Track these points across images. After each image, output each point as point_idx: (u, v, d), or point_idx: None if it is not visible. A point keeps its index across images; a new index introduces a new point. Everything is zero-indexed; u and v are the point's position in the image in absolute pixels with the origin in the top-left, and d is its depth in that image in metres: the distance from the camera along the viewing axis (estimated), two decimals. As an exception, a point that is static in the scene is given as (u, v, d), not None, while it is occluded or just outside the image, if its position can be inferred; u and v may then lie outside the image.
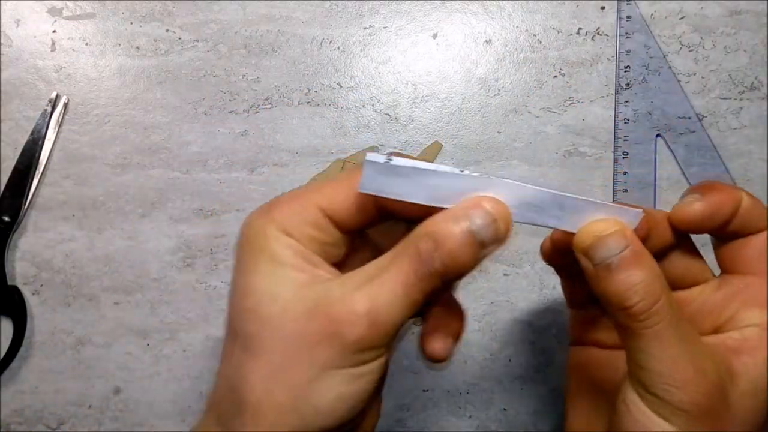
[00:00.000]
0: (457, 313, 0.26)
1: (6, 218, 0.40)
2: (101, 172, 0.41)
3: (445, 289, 0.25)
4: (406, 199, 0.22)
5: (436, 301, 0.27)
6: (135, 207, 0.41)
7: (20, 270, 0.41)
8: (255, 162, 0.41)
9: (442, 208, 0.22)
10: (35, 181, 0.41)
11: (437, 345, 0.26)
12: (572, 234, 0.24)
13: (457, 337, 0.26)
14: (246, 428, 0.22)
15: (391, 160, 0.22)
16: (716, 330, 0.26)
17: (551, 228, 0.24)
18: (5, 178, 0.41)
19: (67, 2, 0.42)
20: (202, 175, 0.41)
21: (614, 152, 0.41)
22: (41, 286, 0.41)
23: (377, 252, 0.25)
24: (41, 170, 0.41)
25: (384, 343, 0.22)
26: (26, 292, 0.41)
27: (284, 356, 0.21)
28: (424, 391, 0.40)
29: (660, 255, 0.26)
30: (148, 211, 0.41)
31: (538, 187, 0.23)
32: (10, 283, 0.40)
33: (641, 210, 0.24)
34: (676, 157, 0.41)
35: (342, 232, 0.24)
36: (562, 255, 0.26)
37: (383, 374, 0.24)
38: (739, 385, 0.23)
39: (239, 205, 0.41)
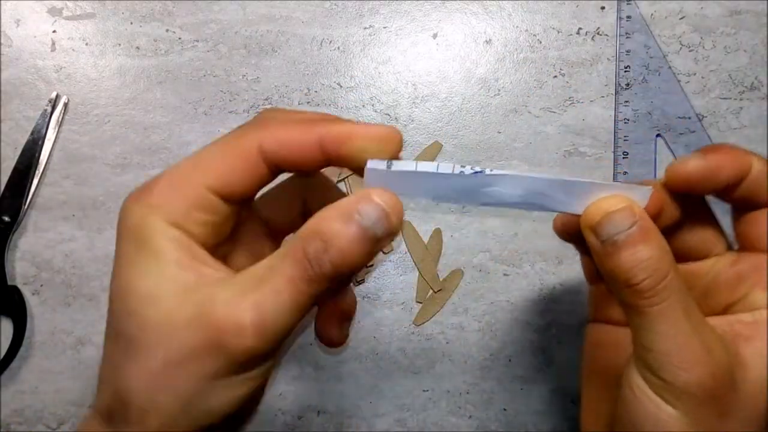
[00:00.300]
0: (347, 296, 0.26)
1: (6, 218, 0.40)
2: (101, 172, 0.41)
3: (337, 287, 0.24)
4: (411, 197, 0.22)
5: (331, 296, 0.26)
6: (135, 207, 0.41)
7: (20, 270, 0.41)
8: (255, 162, 0.41)
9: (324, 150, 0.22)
10: (35, 181, 0.41)
11: (334, 331, 0.26)
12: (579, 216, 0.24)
13: (350, 319, 0.26)
14: (134, 429, 0.21)
15: (391, 165, 0.22)
16: (727, 308, 0.25)
17: (560, 212, 0.24)
18: (5, 178, 0.41)
19: (67, 2, 0.42)
20: (202, 175, 0.41)
21: (614, 152, 0.41)
22: (41, 286, 0.41)
23: (264, 223, 0.24)
24: (41, 170, 0.41)
25: (272, 350, 0.21)
26: (26, 292, 0.41)
27: (167, 364, 0.21)
28: (424, 391, 0.40)
29: (673, 226, 0.25)
30: (148, 211, 0.41)
31: (537, 175, 0.23)
32: (10, 283, 0.40)
33: (650, 187, 0.23)
34: (676, 157, 0.41)
35: (230, 203, 0.23)
36: (573, 234, 0.26)
37: (271, 370, 0.23)
38: (747, 373, 0.22)
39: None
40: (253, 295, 0.20)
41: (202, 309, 0.20)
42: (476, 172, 0.22)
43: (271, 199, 0.27)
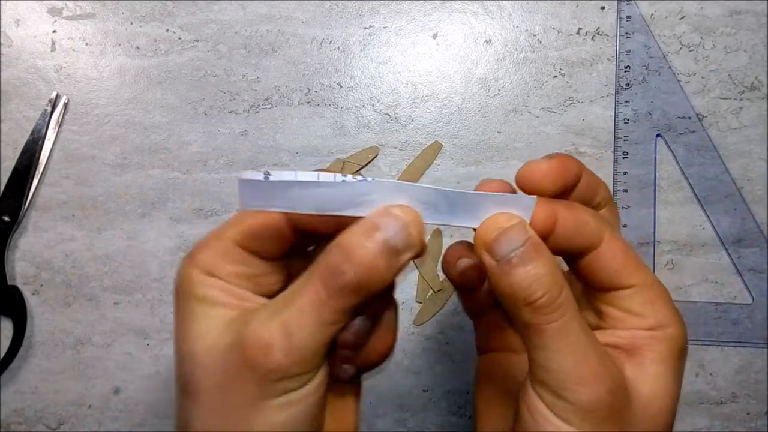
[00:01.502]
0: (379, 337, 0.25)
1: (6, 218, 0.40)
2: (101, 172, 0.41)
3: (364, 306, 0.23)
4: (294, 211, 0.22)
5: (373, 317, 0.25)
6: (135, 207, 0.41)
7: (20, 270, 0.41)
8: (255, 162, 0.41)
9: (345, 217, 0.22)
10: (35, 181, 0.41)
11: (336, 364, 0.25)
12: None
13: (367, 366, 0.25)
14: None
15: (269, 175, 0.21)
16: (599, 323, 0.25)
17: (449, 226, 0.23)
18: (5, 178, 0.41)
19: (67, 2, 0.42)
20: (202, 175, 0.41)
21: (614, 152, 0.41)
22: (41, 286, 0.41)
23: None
24: (41, 170, 0.41)
25: (306, 369, 0.21)
26: (26, 292, 0.41)
27: (215, 393, 0.21)
28: (424, 391, 0.40)
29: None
30: (148, 211, 0.41)
31: (423, 185, 0.22)
32: (10, 283, 0.40)
33: (535, 197, 0.23)
34: (676, 157, 0.41)
35: (268, 260, 0.24)
36: (452, 268, 0.26)
37: (322, 395, 0.23)
38: (638, 387, 0.23)
39: (239, 205, 0.41)
40: (280, 315, 0.21)
41: (237, 335, 0.21)
42: (359, 181, 0.21)
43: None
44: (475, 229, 0.23)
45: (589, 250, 0.24)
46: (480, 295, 0.28)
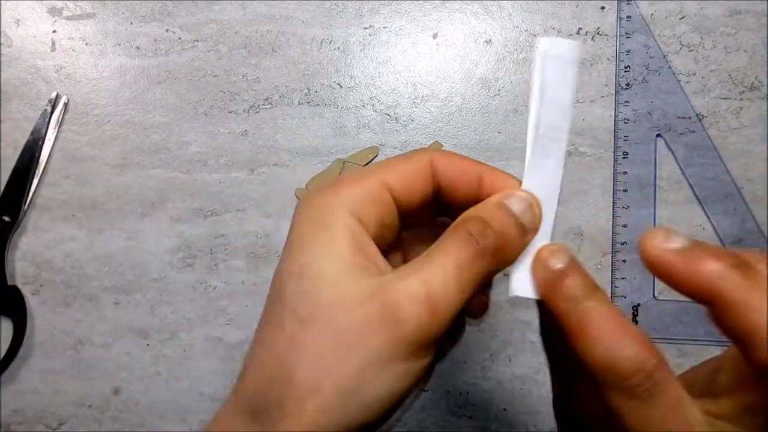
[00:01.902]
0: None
1: (6, 218, 0.40)
2: (101, 172, 0.41)
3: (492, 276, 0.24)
4: None
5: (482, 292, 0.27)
6: (135, 207, 0.41)
7: (20, 270, 0.41)
8: (255, 162, 0.41)
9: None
10: (35, 181, 0.41)
11: (477, 301, 0.27)
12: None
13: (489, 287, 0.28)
14: (285, 422, 0.20)
15: None
16: None
17: None
18: (5, 178, 0.41)
19: (67, 2, 0.42)
20: (202, 175, 0.41)
21: (614, 152, 0.41)
22: (41, 286, 0.41)
23: (406, 258, 0.25)
24: (41, 170, 0.41)
25: (441, 332, 0.21)
26: (26, 292, 0.41)
27: (336, 348, 0.20)
28: (424, 391, 0.40)
29: None
30: (148, 211, 0.41)
31: None
32: (10, 283, 0.40)
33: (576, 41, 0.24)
34: (676, 157, 0.41)
35: (399, 207, 0.24)
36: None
37: (430, 372, 0.23)
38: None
39: (239, 205, 0.41)
40: (421, 273, 0.21)
41: (375, 288, 0.21)
42: None
43: (418, 234, 0.28)
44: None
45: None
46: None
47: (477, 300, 0.27)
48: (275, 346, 0.21)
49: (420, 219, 0.26)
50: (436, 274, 0.21)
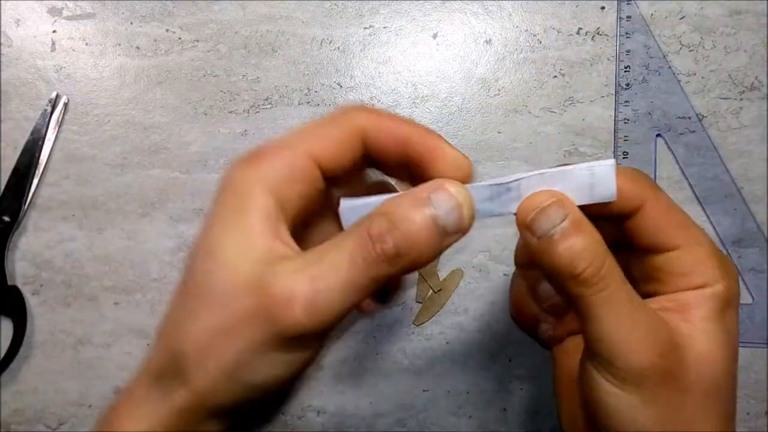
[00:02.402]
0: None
1: (6, 218, 0.40)
2: (101, 172, 0.41)
3: (394, 281, 0.24)
4: None
5: (396, 288, 0.26)
6: (135, 207, 0.41)
7: (20, 270, 0.41)
8: (255, 162, 0.41)
9: (414, 150, 0.23)
10: (35, 181, 0.41)
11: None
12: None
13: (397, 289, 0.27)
14: (181, 390, 0.21)
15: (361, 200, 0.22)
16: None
17: (506, 214, 0.24)
18: (5, 178, 0.41)
19: (67, 2, 0.42)
20: (202, 175, 0.41)
21: (614, 152, 0.41)
22: (41, 286, 0.41)
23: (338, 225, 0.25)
24: (41, 170, 0.41)
25: (321, 332, 0.21)
26: (26, 292, 0.41)
27: (221, 328, 0.21)
28: (424, 391, 0.40)
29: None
30: (148, 211, 0.41)
31: (484, 183, 0.23)
32: (10, 283, 0.40)
33: (614, 161, 0.23)
34: (676, 157, 0.41)
35: (325, 176, 0.23)
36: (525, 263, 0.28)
37: (315, 357, 0.23)
38: (694, 344, 0.23)
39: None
40: (310, 269, 0.20)
41: (262, 279, 0.21)
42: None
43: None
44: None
45: (633, 212, 0.24)
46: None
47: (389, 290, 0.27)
48: (175, 319, 0.23)
49: (350, 176, 0.25)
50: (325, 273, 0.20)
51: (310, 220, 0.25)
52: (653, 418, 0.22)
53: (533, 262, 0.24)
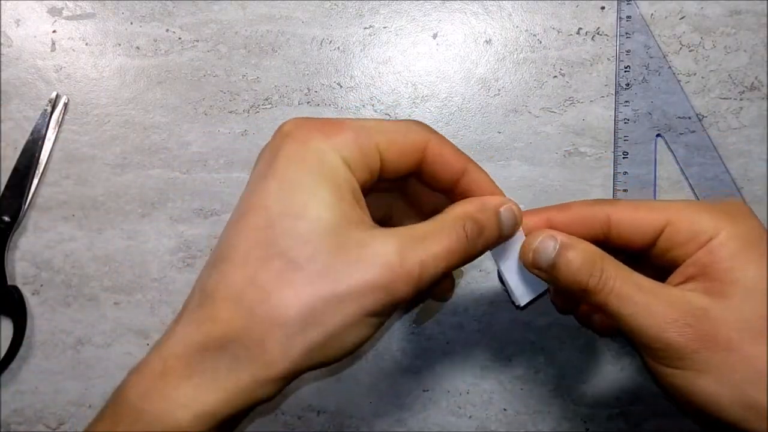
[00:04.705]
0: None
1: (6, 218, 0.40)
2: (101, 172, 0.41)
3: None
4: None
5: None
6: (135, 207, 0.41)
7: (20, 270, 0.41)
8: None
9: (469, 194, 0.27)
10: (35, 181, 0.41)
11: (447, 285, 0.33)
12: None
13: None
14: (266, 357, 0.21)
15: None
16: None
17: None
18: (5, 178, 0.41)
19: (67, 2, 0.42)
20: (202, 175, 0.41)
21: (614, 152, 0.41)
22: (41, 286, 0.41)
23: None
24: (41, 170, 0.41)
25: (415, 298, 0.25)
26: (26, 292, 0.41)
27: (334, 296, 0.21)
28: (424, 391, 0.40)
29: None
30: (148, 211, 0.41)
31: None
32: (10, 283, 0.40)
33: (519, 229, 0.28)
34: (676, 157, 0.41)
35: (383, 172, 0.25)
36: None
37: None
38: (740, 283, 0.24)
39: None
40: (419, 253, 0.23)
41: (375, 251, 0.22)
42: None
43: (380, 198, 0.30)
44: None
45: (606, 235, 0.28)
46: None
47: (445, 284, 0.32)
48: (262, 284, 0.21)
49: (387, 184, 0.27)
50: (431, 259, 0.23)
51: None
52: (714, 385, 0.23)
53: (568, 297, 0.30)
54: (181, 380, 0.21)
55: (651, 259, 0.28)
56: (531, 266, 0.27)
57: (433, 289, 0.31)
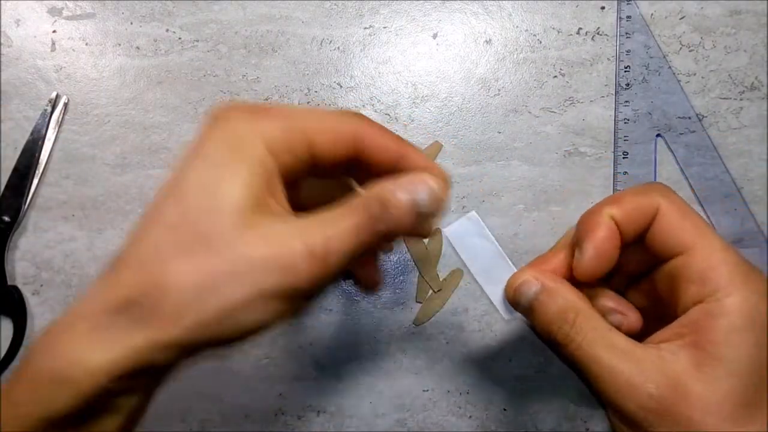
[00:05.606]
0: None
1: (6, 218, 0.40)
2: (101, 172, 0.41)
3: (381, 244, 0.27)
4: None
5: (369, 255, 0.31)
6: (135, 207, 0.41)
7: (20, 270, 0.41)
8: (255, 162, 0.41)
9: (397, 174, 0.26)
10: (35, 181, 0.41)
11: (373, 273, 0.31)
12: None
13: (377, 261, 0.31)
14: (159, 323, 0.21)
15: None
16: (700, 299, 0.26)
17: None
18: (5, 178, 0.41)
19: (67, 2, 0.42)
20: (202, 175, 0.41)
21: (614, 152, 0.41)
22: (41, 286, 0.41)
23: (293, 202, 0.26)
24: (41, 170, 0.41)
25: (326, 284, 0.23)
26: (26, 292, 0.41)
27: (230, 274, 0.21)
28: (424, 391, 0.40)
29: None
30: (148, 211, 0.41)
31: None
32: (10, 283, 0.40)
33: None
34: (676, 157, 0.41)
35: (313, 159, 0.25)
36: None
37: (297, 315, 0.25)
38: (698, 378, 0.23)
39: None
40: (325, 231, 0.22)
41: (281, 232, 0.22)
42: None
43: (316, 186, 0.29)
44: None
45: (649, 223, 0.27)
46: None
47: (370, 275, 0.31)
48: (163, 253, 0.22)
49: (321, 173, 0.27)
50: (336, 236, 0.22)
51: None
52: None
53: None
54: (81, 337, 0.21)
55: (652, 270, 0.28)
56: (511, 302, 0.29)
57: (356, 275, 0.30)
